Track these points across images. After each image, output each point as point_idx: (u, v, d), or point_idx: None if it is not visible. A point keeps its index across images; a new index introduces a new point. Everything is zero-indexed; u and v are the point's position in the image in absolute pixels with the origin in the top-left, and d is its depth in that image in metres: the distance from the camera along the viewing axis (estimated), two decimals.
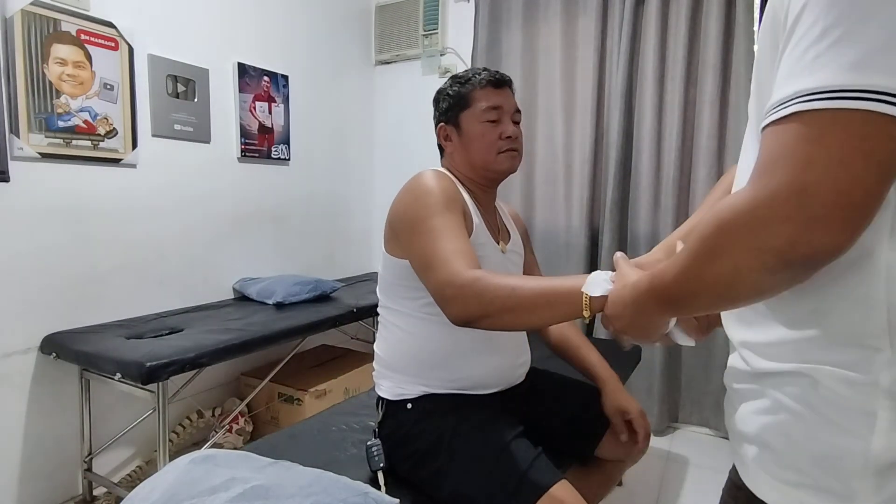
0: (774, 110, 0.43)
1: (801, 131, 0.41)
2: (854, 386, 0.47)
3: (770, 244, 0.42)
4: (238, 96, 2.29)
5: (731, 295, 0.48)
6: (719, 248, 0.46)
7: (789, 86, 0.42)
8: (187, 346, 1.60)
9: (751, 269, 0.44)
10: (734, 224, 0.44)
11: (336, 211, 2.89)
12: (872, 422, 0.46)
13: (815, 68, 0.41)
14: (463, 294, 0.84)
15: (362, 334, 2.90)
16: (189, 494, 0.84)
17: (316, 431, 1.31)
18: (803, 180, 0.40)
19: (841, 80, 0.39)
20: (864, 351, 0.46)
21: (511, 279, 0.81)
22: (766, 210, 0.42)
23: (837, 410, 0.48)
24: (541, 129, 2.52)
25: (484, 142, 1.10)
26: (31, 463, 1.69)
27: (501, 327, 0.84)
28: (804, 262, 0.42)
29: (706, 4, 2.12)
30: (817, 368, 0.48)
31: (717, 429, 2.26)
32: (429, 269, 0.92)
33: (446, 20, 2.80)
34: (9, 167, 1.58)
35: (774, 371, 0.52)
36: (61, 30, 1.68)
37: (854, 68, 0.39)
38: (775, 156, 0.42)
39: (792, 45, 0.43)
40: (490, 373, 1.13)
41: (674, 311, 0.60)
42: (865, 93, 0.38)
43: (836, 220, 0.39)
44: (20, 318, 1.64)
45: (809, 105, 0.40)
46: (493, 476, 0.96)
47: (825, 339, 0.48)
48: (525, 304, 0.78)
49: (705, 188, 2.14)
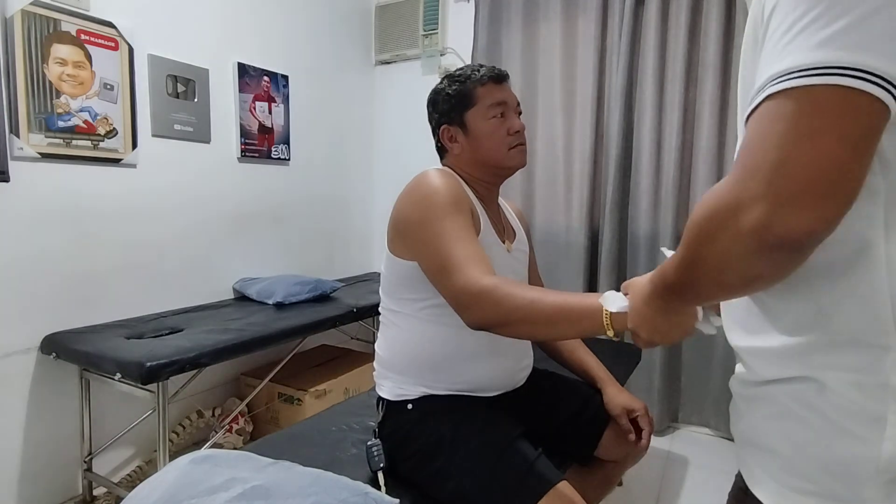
0: (752, 101, 0.44)
1: (772, 112, 0.41)
2: (863, 389, 0.46)
3: (747, 226, 0.42)
4: (238, 96, 2.29)
5: (726, 281, 0.47)
6: (706, 233, 0.46)
7: (764, 74, 0.43)
8: (187, 346, 1.60)
9: (736, 253, 0.44)
10: (716, 208, 0.44)
11: (336, 211, 2.89)
12: (883, 426, 0.45)
13: (786, 53, 0.41)
14: (480, 302, 0.84)
15: (362, 334, 2.90)
16: (189, 494, 0.84)
17: (316, 431, 1.31)
18: (774, 158, 0.40)
19: (810, 58, 0.39)
20: (872, 351, 0.45)
21: (529, 291, 0.82)
22: (741, 191, 0.42)
23: (846, 415, 0.47)
24: (541, 129, 2.52)
25: (494, 139, 1.09)
26: (31, 463, 1.69)
27: (518, 336, 0.86)
28: (782, 244, 0.41)
29: (706, 4, 2.12)
30: (824, 373, 0.47)
31: (717, 429, 2.26)
32: (443, 273, 0.92)
33: (446, 20, 2.80)
34: (9, 167, 1.58)
35: (780, 378, 0.51)
36: (61, 30, 1.68)
37: (821, 46, 0.39)
38: (751, 139, 0.43)
39: (768, 38, 0.44)
40: (492, 376, 1.12)
41: (681, 301, 0.59)
42: (833, 69, 0.39)
43: (809, 196, 0.39)
44: (20, 318, 1.64)
45: (780, 86, 0.41)
46: (493, 476, 0.96)
47: (830, 341, 0.47)
48: (544, 317, 0.78)
49: (705, 188, 2.14)
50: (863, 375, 0.46)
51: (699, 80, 2.16)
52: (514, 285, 0.83)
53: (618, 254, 2.34)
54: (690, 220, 0.48)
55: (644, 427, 1.19)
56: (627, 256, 2.35)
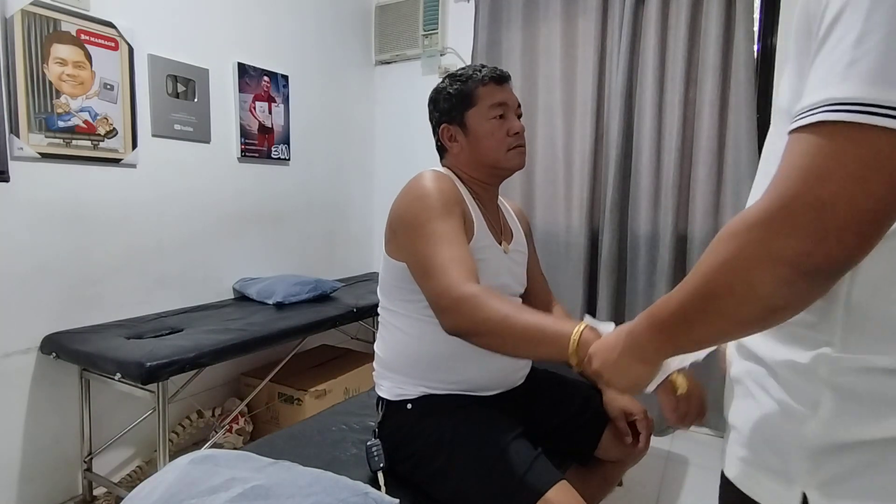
0: (801, 116, 0.42)
1: (820, 143, 0.40)
2: (801, 375, 0.50)
3: (783, 254, 0.41)
4: (238, 96, 2.29)
5: (744, 313, 0.46)
6: (730, 260, 0.45)
7: (819, 92, 0.41)
8: (187, 346, 1.60)
9: (763, 281, 0.43)
10: (747, 235, 0.44)
11: (336, 211, 2.89)
12: (815, 409, 0.49)
13: (845, 76, 0.40)
14: (457, 308, 0.86)
15: (362, 334, 2.90)
16: (189, 494, 0.84)
17: (316, 431, 1.31)
18: (819, 194, 0.40)
19: (867, 93, 0.38)
20: (816, 344, 0.49)
21: (507, 306, 0.82)
22: (781, 221, 0.41)
23: (787, 396, 0.51)
24: (541, 129, 2.52)
25: (494, 140, 1.09)
26: (31, 463, 1.69)
27: (488, 348, 0.86)
28: (818, 272, 0.41)
29: (706, 4, 2.12)
30: (775, 361, 0.53)
31: (717, 429, 2.26)
32: (426, 275, 0.93)
33: (446, 20, 2.80)
34: (9, 167, 1.58)
35: (748, 369, 0.57)
36: (61, 30, 1.68)
37: (883, 81, 0.38)
38: (794, 165, 0.42)
39: (828, 48, 0.42)
40: (491, 375, 1.13)
41: (672, 342, 0.56)
42: (889, 109, 0.38)
43: (852, 233, 0.39)
44: (20, 317, 1.64)
45: (832, 116, 0.40)
46: (493, 476, 0.96)
47: (783, 335, 0.52)
48: (514, 334, 0.80)
49: (705, 188, 2.14)
50: (803, 362, 0.50)
51: (699, 80, 2.16)
52: (493, 297, 0.84)
53: (618, 254, 2.34)
54: (708, 248, 0.48)
55: (641, 431, 1.19)
56: (627, 256, 2.35)
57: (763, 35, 2.13)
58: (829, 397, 0.48)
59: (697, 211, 2.17)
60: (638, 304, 2.31)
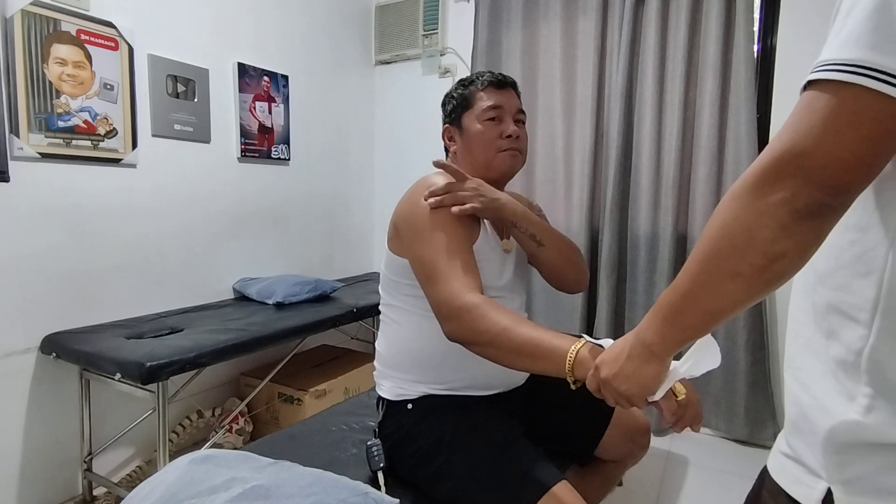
0: (809, 73, 0.47)
1: (808, 100, 0.46)
2: (840, 370, 0.50)
3: (777, 198, 0.46)
4: (238, 96, 2.29)
5: (744, 267, 0.49)
6: (731, 217, 0.49)
7: (823, 53, 0.46)
8: (187, 346, 1.60)
9: (762, 225, 0.47)
10: (744, 188, 0.48)
11: (336, 211, 2.89)
12: (849, 404, 0.49)
13: (834, 42, 0.44)
14: (458, 317, 0.88)
15: (362, 334, 2.90)
16: (189, 494, 0.84)
17: (316, 431, 1.32)
18: (803, 145, 0.45)
19: (844, 54, 0.43)
20: (856, 339, 0.49)
21: (506, 318, 0.84)
22: (773, 171, 0.46)
23: (824, 390, 0.51)
24: (541, 129, 2.52)
25: (483, 140, 1.11)
26: (31, 463, 1.69)
27: (486, 357, 0.88)
28: (809, 213, 0.45)
29: (706, 4, 2.12)
30: (818, 355, 0.52)
31: (717, 429, 2.26)
32: (429, 280, 0.95)
33: (446, 20, 2.80)
34: (9, 167, 1.58)
35: (798, 365, 0.57)
36: (61, 30, 1.68)
37: (856, 43, 0.42)
38: (786, 123, 0.47)
39: (834, 29, 0.47)
40: (491, 374, 1.12)
41: (678, 324, 0.58)
42: (860, 68, 0.42)
43: (829, 177, 0.44)
44: (20, 318, 1.64)
45: (818, 75, 0.45)
46: (493, 476, 0.96)
47: (825, 330, 0.52)
48: (511, 347, 0.82)
49: (705, 188, 2.14)
50: (843, 360, 0.50)
51: (699, 80, 2.16)
52: (493, 309, 0.86)
53: (618, 254, 2.34)
54: (714, 213, 0.52)
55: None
56: (627, 256, 2.35)
57: (763, 35, 2.13)
58: (864, 393, 0.48)
59: (697, 211, 2.17)
60: (638, 304, 2.31)
